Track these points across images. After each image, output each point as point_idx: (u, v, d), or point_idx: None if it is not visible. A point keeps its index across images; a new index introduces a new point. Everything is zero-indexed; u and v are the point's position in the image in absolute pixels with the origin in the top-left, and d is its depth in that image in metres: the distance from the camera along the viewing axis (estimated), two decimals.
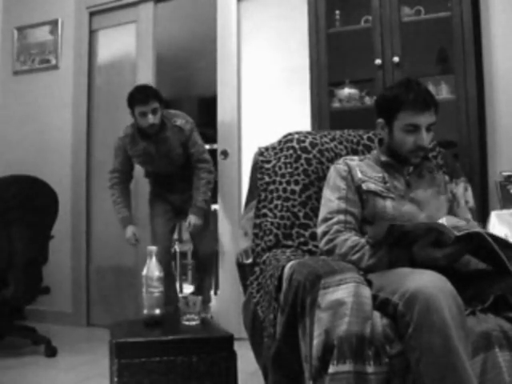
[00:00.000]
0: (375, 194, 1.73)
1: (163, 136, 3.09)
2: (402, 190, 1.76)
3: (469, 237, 1.45)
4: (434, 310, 1.22)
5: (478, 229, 1.54)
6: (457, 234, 1.42)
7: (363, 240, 1.60)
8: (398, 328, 1.31)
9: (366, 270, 1.53)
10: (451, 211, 1.83)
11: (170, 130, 3.10)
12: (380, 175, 1.78)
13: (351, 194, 1.74)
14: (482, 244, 1.48)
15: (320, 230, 1.71)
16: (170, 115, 3.14)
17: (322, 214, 1.75)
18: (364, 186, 1.74)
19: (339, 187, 1.75)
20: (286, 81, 3.14)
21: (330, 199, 1.75)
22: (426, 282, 1.28)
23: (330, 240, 1.65)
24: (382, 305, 1.37)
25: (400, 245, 1.52)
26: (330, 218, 1.69)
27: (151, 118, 2.97)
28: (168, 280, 2.50)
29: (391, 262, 1.51)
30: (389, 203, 1.71)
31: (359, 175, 1.77)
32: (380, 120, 1.79)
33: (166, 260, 3.11)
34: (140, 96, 2.98)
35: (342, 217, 1.69)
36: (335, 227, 1.67)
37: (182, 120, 3.14)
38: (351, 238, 1.62)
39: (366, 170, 1.79)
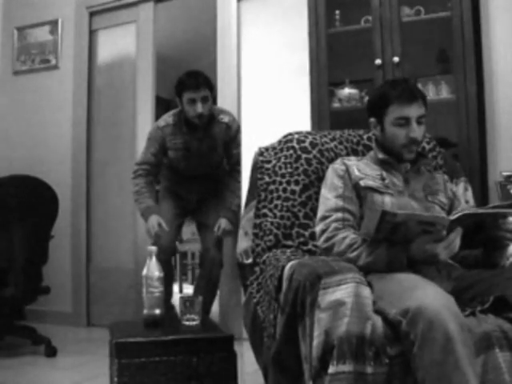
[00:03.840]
0: (373, 190, 1.73)
1: (211, 132, 2.86)
2: (400, 186, 1.77)
3: (464, 219, 1.46)
4: (437, 326, 1.20)
5: (469, 210, 1.55)
6: (451, 218, 1.42)
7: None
8: (403, 346, 1.29)
9: (364, 267, 1.53)
10: (452, 210, 1.84)
11: (217, 125, 2.88)
12: (378, 173, 1.79)
13: (348, 192, 1.74)
14: (475, 221, 1.49)
15: (318, 228, 1.71)
16: (217, 111, 2.92)
17: (320, 212, 1.75)
18: (362, 183, 1.75)
19: (336, 186, 1.76)
20: (286, 81, 3.14)
21: (328, 198, 1.75)
22: (429, 299, 1.26)
23: (329, 238, 1.65)
24: (379, 312, 1.36)
25: (394, 240, 1.52)
26: (328, 216, 1.70)
27: (200, 107, 2.73)
28: (166, 280, 2.26)
29: (389, 260, 1.51)
30: (387, 199, 1.72)
31: (356, 173, 1.78)
32: (372, 119, 1.81)
33: (167, 258, 2.85)
34: (190, 81, 2.74)
35: (339, 214, 1.69)
36: (333, 225, 1.67)
37: (229, 117, 2.93)
38: (349, 236, 1.62)
39: (363, 168, 1.80)
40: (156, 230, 2.78)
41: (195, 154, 2.91)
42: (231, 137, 2.93)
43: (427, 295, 1.28)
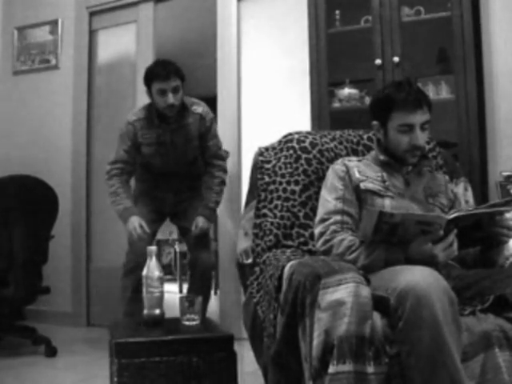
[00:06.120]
0: (373, 193, 1.73)
1: (184, 123, 2.74)
2: (401, 188, 1.76)
3: (461, 218, 1.46)
4: (424, 306, 1.22)
5: (465, 211, 1.55)
6: (448, 217, 1.43)
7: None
8: (391, 322, 1.31)
9: (363, 269, 1.53)
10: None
11: (191, 116, 2.75)
12: (379, 174, 1.78)
13: (348, 194, 1.74)
14: (472, 220, 1.50)
15: (317, 230, 1.71)
16: (190, 102, 2.78)
17: (319, 214, 1.75)
18: (362, 186, 1.74)
19: (336, 187, 1.75)
20: (286, 81, 3.14)
21: (327, 200, 1.75)
22: (417, 277, 1.28)
23: (327, 241, 1.65)
24: (377, 303, 1.37)
25: (392, 242, 1.52)
26: (327, 219, 1.70)
27: (171, 98, 2.60)
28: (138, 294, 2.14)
29: (387, 262, 1.51)
30: (387, 202, 1.71)
31: (357, 175, 1.77)
32: (375, 122, 1.80)
33: (142, 264, 2.34)
34: (159, 71, 2.60)
35: (338, 217, 1.69)
36: (332, 228, 1.67)
37: (203, 108, 2.80)
38: (348, 238, 1.62)
39: (364, 169, 1.80)
40: (139, 232, 2.62)
41: (169, 147, 2.77)
42: (206, 127, 2.79)
43: (415, 274, 1.31)
